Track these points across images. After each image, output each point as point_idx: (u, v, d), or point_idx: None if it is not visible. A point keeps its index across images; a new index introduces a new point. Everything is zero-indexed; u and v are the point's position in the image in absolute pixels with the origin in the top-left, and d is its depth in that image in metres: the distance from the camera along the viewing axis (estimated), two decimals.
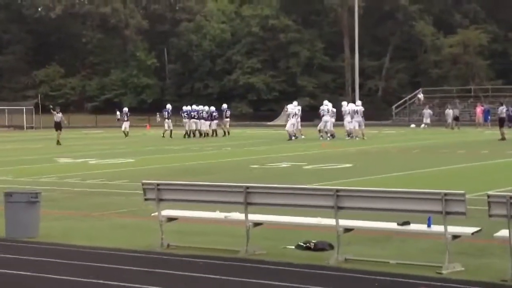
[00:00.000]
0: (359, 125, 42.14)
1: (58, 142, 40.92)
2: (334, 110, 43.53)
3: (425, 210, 9.12)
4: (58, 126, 42.72)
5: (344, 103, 44.90)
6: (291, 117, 42.56)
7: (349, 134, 42.32)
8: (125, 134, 50.05)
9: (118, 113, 57.33)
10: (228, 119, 50.26)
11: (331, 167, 23.64)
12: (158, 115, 54.86)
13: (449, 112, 59.61)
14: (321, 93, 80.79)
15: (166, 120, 50.03)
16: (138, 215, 13.76)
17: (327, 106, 43.11)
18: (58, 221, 13.36)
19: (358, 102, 45.41)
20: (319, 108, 44.34)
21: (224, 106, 50.72)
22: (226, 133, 48.73)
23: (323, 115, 42.52)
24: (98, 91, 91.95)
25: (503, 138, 36.97)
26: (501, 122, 39.19)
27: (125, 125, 51.40)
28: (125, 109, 53.76)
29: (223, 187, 10.96)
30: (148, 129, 63.48)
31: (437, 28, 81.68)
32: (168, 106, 51.82)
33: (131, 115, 55.58)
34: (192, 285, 8.35)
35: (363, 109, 43.12)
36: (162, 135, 49.02)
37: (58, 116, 43.25)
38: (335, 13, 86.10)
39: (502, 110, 41.29)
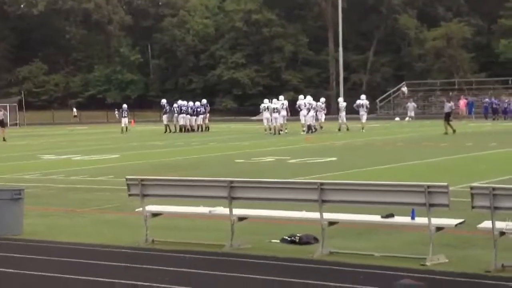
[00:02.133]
0: (362, 118, 44.34)
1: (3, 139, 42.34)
2: (315, 103, 43.84)
3: (408, 202, 9.15)
4: (1, 124, 44.45)
5: (340, 99, 47.58)
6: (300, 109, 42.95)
7: (309, 128, 42.58)
8: (124, 129, 50.69)
9: (116, 111, 58.17)
10: (208, 114, 50.42)
11: (316, 161, 23.67)
12: (116, 113, 56.09)
13: (411, 105, 60.24)
14: (306, 88, 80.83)
15: (123, 118, 52.36)
16: (122, 210, 13.73)
17: (302, 100, 43.37)
18: (42, 217, 13.31)
19: (363, 96, 46.44)
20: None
21: (204, 101, 50.73)
22: (206, 128, 48.87)
23: (300, 110, 42.78)
24: (82, 88, 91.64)
25: (446, 133, 37.05)
26: (446, 117, 38.84)
27: (124, 121, 52.06)
28: (124, 106, 53.91)
29: (207, 182, 10.95)
30: (132, 125, 63.29)
31: (421, 21, 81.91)
32: (124, 105, 54.15)
33: (115, 111, 55.84)
34: (177, 280, 8.34)
35: (368, 102, 45.25)
36: (121, 132, 49.98)
37: (0, 114, 44.77)
38: (319, 7, 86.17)
39: (451, 106, 40.63)
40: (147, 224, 10.63)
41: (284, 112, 42.72)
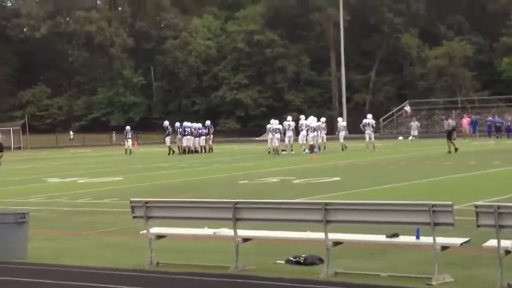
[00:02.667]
0: (369, 138, 43.95)
1: None
2: (317, 124, 44.16)
3: (413, 222, 9.13)
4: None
5: (340, 119, 47.73)
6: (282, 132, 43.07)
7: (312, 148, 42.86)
8: (128, 151, 50.78)
9: (114, 134, 58.03)
10: (211, 136, 50.54)
11: (320, 181, 23.66)
12: (114, 136, 55.33)
13: (414, 124, 60.32)
14: (309, 108, 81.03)
15: (127, 140, 52.46)
16: (127, 233, 13.71)
17: (304, 121, 43.60)
18: (47, 241, 13.30)
19: (369, 115, 46.72)
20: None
21: (208, 122, 50.84)
22: (209, 150, 48.90)
23: (301, 130, 43.06)
24: (85, 110, 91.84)
25: (449, 152, 37.04)
26: (448, 135, 38.92)
27: (128, 143, 52.11)
28: (128, 128, 53.98)
29: (211, 203, 10.95)
30: (136, 147, 63.40)
31: (423, 40, 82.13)
32: (128, 127, 54.53)
33: (118, 133, 55.83)
34: None
35: (374, 121, 45.39)
36: (125, 153, 50.21)
37: None
38: (320, 27, 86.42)
39: (449, 123, 40.45)
40: (151, 247, 10.62)
41: (290, 133, 43.04)
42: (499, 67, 77.83)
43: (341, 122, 47.70)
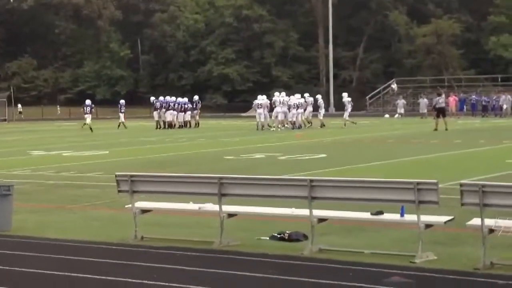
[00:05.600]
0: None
1: None
2: (309, 100, 44.32)
3: (398, 199, 9.16)
4: None
5: (344, 94, 48.12)
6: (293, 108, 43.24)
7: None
8: (122, 125, 50.28)
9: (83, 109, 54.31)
10: (199, 111, 50.51)
11: (306, 157, 23.68)
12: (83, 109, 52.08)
13: (423, 102, 59.93)
14: (296, 84, 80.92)
15: (120, 113, 51.73)
16: (112, 207, 13.71)
17: (278, 97, 43.57)
18: (31, 214, 13.27)
19: (345, 94, 47.90)
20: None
21: (196, 97, 50.71)
22: (196, 125, 48.87)
23: (275, 106, 43.12)
24: (71, 83, 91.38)
25: (436, 129, 37.07)
26: (438, 112, 38.58)
27: (122, 116, 51.64)
28: (122, 101, 53.39)
29: (196, 178, 10.95)
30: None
31: (411, 18, 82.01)
32: (122, 101, 53.52)
33: (104, 107, 55.27)
34: (166, 277, 8.33)
35: (349, 99, 46.85)
36: (118, 127, 49.74)
37: None
38: (309, 3, 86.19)
39: (438, 100, 39.42)
40: (136, 221, 10.62)
41: (279, 109, 43.10)
42: (486, 46, 77.89)
43: (346, 98, 47.19)
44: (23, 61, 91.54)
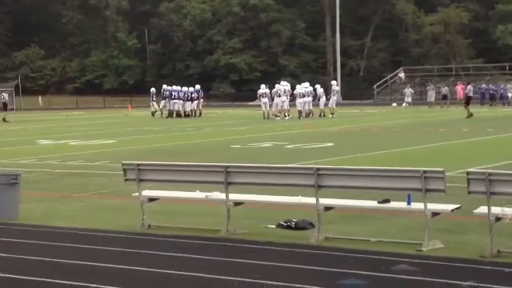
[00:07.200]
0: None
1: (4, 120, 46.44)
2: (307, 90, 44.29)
3: (405, 187, 9.15)
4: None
5: (333, 82, 48.07)
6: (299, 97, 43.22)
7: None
8: (157, 112, 50.72)
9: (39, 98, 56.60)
10: (201, 100, 50.54)
11: (313, 146, 23.67)
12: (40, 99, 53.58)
13: (431, 91, 59.86)
14: (303, 73, 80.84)
15: (153, 102, 51.94)
16: (119, 195, 13.73)
17: (283, 86, 43.51)
18: (38, 202, 13.30)
19: (334, 82, 48.79)
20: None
21: (197, 86, 50.55)
22: (199, 114, 48.86)
23: (279, 95, 43.03)
24: (78, 73, 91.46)
25: (471, 115, 38.44)
26: (468, 100, 41.40)
27: (154, 105, 51.94)
28: (153, 90, 53.29)
29: (203, 167, 10.96)
30: (130, 110, 63.21)
31: (418, 7, 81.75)
32: (153, 89, 53.10)
33: (112, 97, 55.44)
34: (173, 265, 8.34)
35: (338, 88, 47.95)
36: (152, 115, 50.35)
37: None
38: None
39: (470, 88, 43.44)
40: (143, 209, 10.63)
41: (284, 98, 43.08)
42: (494, 34, 77.62)
43: (335, 86, 47.27)
44: (31, 50, 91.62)
